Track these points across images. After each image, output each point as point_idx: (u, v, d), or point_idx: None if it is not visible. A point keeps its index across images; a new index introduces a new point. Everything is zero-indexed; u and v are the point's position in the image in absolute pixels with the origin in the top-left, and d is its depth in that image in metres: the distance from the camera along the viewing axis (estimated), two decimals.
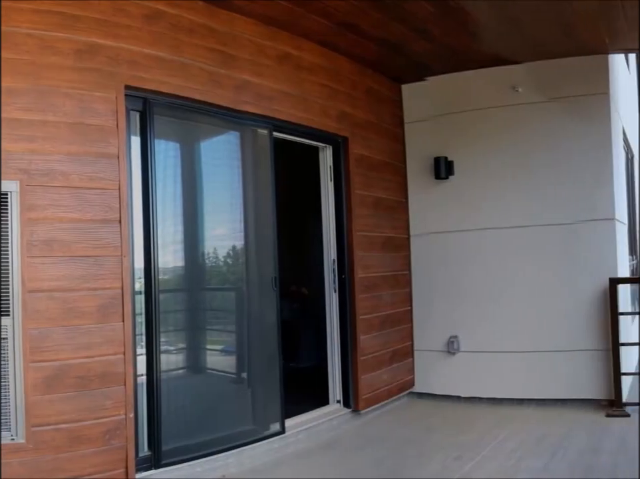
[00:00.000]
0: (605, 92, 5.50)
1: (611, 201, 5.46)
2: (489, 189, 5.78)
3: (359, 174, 5.22)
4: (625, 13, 4.46)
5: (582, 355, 5.41)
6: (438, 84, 5.95)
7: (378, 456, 4.32)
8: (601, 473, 3.81)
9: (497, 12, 4.50)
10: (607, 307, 5.31)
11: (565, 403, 5.42)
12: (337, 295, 5.13)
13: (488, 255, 5.79)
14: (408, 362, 5.86)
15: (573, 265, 5.51)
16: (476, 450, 4.31)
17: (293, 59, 4.56)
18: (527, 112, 5.67)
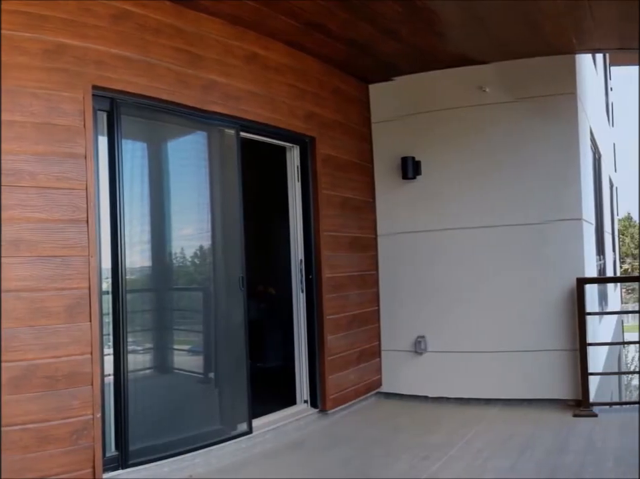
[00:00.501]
0: (572, 92, 5.66)
1: (578, 201, 5.61)
2: (457, 189, 5.91)
3: (326, 174, 5.37)
4: (592, 13, 4.62)
5: (549, 355, 5.54)
6: (405, 84, 6.09)
7: (346, 456, 4.42)
8: (568, 473, 3.93)
9: (465, 12, 4.64)
10: (575, 307, 5.44)
11: (532, 403, 5.55)
12: (304, 295, 5.27)
13: (456, 255, 5.92)
14: (375, 362, 6.02)
15: (540, 265, 5.64)
16: (444, 450, 4.41)
17: (260, 59, 4.70)
18: (495, 112, 5.81)
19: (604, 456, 4.19)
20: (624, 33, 5.25)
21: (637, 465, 3.84)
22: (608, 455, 4.21)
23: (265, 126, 4.76)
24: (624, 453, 4.19)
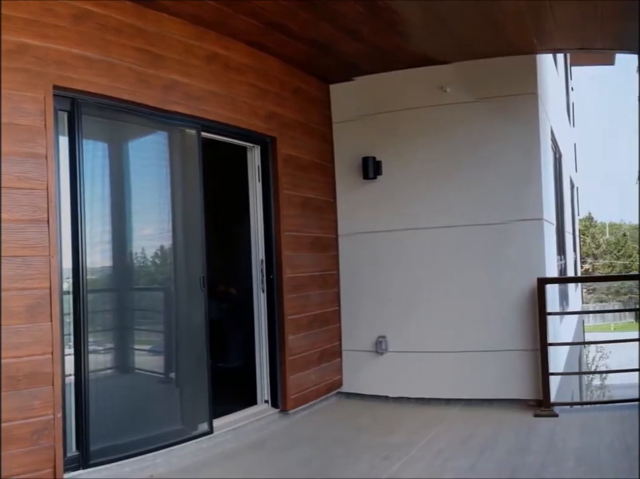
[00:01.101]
0: (533, 92, 5.83)
1: (539, 201, 5.77)
2: (418, 189, 6.08)
3: (287, 174, 5.56)
4: (553, 13, 4.79)
5: (510, 355, 5.70)
6: (366, 84, 6.26)
7: (306, 456, 4.55)
8: (529, 473, 4.05)
9: (426, 12, 4.79)
10: (535, 307, 5.60)
11: (492, 403, 5.72)
12: (265, 295, 5.45)
13: (417, 255, 6.08)
14: (336, 362, 6.23)
15: (501, 265, 5.81)
16: (404, 450, 4.55)
17: (222, 59, 4.86)
18: (456, 112, 5.97)
19: (565, 456, 4.33)
20: (585, 33, 5.45)
21: (596, 465, 4.08)
22: (569, 455, 4.35)
23: (226, 126, 4.92)
24: (585, 453, 4.36)
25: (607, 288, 48.51)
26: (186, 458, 4.34)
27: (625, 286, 47.62)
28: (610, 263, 48.85)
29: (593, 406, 8.06)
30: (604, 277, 46.27)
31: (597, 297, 48.02)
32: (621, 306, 45.77)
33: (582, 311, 15.78)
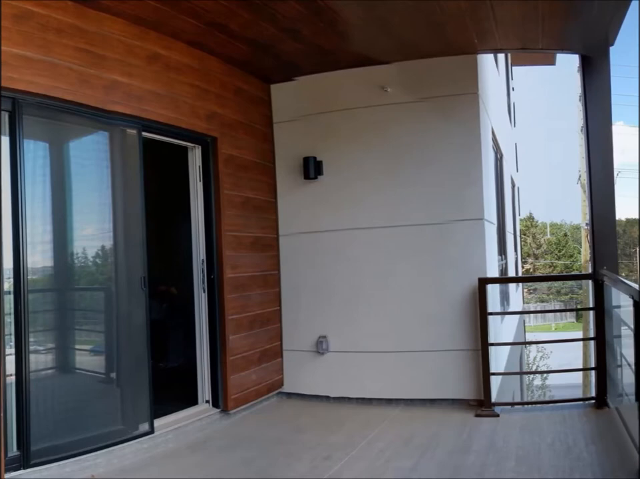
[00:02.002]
0: (474, 92, 6.04)
1: (480, 201, 5.98)
2: (359, 189, 6.30)
3: (228, 174, 5.80)
4: (493, 13, 4.96)
5: (451, 355, 5.91)
6: (307, 84, 6.48)
7: (247, 456, 4.72)
8: (470, 473, 4.19)
9: (367, 13, 4.97)
10: (476, 307, 5.81)
11: (434, 403, 5.95)
12: (206, 294, 5.69)
13: (358, 255, 6.29)
14: (277, 362, 6.49)
15: (443, 265, 6.02)
16: (345, 450, 4.72)
17: (163, 59, 5.08)
18: (397, 112, 6.19)
19: (505, 456, 4.48)
20: (526, 33, 5.63)
21: (537, 465, 4.28)
22: (510, 455, 4.50)
23: (167, 126, 5.14)
24: (525, 453, 4.54)
25: (548, 288, 50.11)
26: (127, 458, 4.53)
27: (566, 286, 49.35)
28: (551, 263, 50.51)
29: (534, 406, 8.15)
30: (545, 277, 47.76)
31: (538, 297, 49.56)
32: (561, 306, 47.28)
33: (523, 311, 16.29)
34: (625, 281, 4.52)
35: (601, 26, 5.25)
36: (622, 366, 5.11)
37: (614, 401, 5.45)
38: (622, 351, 5.19)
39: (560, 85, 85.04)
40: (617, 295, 5.24)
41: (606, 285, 5.54)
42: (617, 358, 5.35)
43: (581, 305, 30.64)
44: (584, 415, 5.47)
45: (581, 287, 32.64)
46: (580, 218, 22.68)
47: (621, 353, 5.20)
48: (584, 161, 6.31)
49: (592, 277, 5.87)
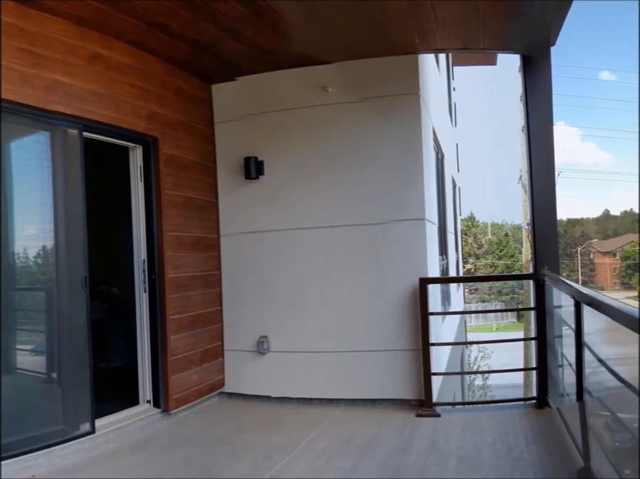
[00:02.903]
0: (415, 92, 6.22)
1: (421, 201, 6.13)
2: (300, 189, 6.46)
3: (169, 174, 5.98)
4: (434, 13, 5.13)
5: (392, 355, 6.07)
6: (248, 84, 6.64)
7: (189, 456, 4.85)
8: (411, 473, 4.31)
9: (308, 13, 5.13)
10: (418, 307, 5.96)
11: (375, 403, 6.10)
12: (147, 295, 5.86)
13: (299, 255, 6.46)
14: (218, 362, 6.68)
15: (384, 265, 6.17)
16: (286, 450, 4.85)
17: (104, 59, 5.23)
18: (338, 112, 6.34)
19: (447, 456, 4.62)
20: (467, 33, 5.81)
21: (478, 465, 4.41)
22: (451, 455, 4.64)
23: (108, 126, 5.29)
24: (467, 453, 4.68)
25: (489, 288, 51.53)
26: (68, 458, 4.66)
27: (507, 286, 50.79)
28: (492, 263, 51.89)
29: (475, 406, 8.28)
30: (486, 277, 49.13)
31: (479, 297, 50.82)
32: (503, 306, 48.60)
33: (464, 311, 16.74)
34: (566, 281, 4.66)
35: (542, 27, 5.48)
36: (563, 366, 5.26)
37: (555, 401, 5.64)
38: (563, 351, 5.32)
39: (501, 85, 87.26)
40: (558, 295, 5.40)
41: (547, 285, 5.72)
42: (558, 358, 5.49)
43: (522, 305, 31.50)
44: (525, 415, 5.66)
45: (522, 287, 33.70)
46: (521, 218, 23.16)
47: (562, 353, 5.33)
48: (525, 162, 6.45)
49: (533, 277, 6.03)
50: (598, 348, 3.83)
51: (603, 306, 3.25)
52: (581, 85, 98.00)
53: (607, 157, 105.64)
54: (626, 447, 3.53)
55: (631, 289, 61.25)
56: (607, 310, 3.17)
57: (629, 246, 65.38)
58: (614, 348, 3.97)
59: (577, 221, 73.39)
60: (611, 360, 3.60)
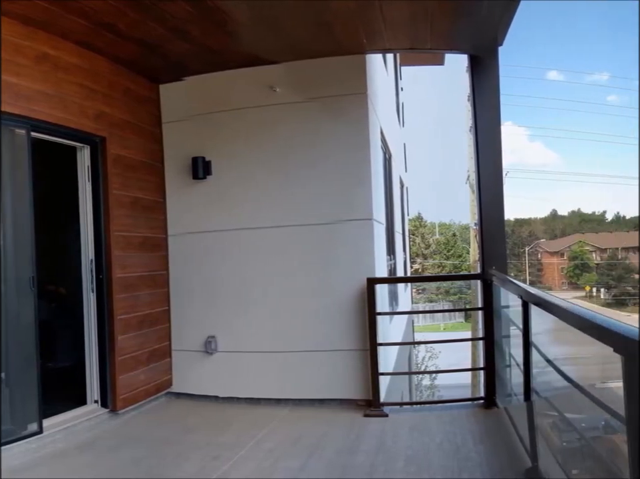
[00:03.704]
0: (363, 92, 6.33)
1: (369, 201, 6.25)
2: (248, 189, 6.57)
3: (117, 174, 6.09)
4: (382, 13, 5.22)
5: (340, 355, 6.19)
6: (196, 84, 6.77)
7: (136, 456, 4.91)
8: (359, 473, 4.39)
9: (255, 13, 5.21)
10: (365, 307, 6.07)
11: (323, 403, 6.22)
12: (95, 295, 5.96)
13: (247, 255, 6.57)
14: (165, 362, 6.81)
15: (332, 264, 6.29)
16: (234, 450, 4.92)
17: (51, 59, 5.32)
18: (286, 112, 6.47)
19: (394, 456, 4.71)
20: (415, 33, 5.93)
21: (426, 465, 4.51)
22: (398, 455, 4.73)
23: (56, 126, 5.38)
24: (414, 453, 4.77)
25: (437, 288, 52.38)
26: (15, 457, 4.71)
27: (455, 286, 51.70)
28: (440, 263, 52.73)
29: (423, 406, 8.49)
30: (434, 277, 49.71)
31: (426, 297, 51.61)
32: (450, 306, 49.35)
33: (412, 311, 17.07)
34: (513, 281, 4.76)
35: (490, 27, 5.62)
36: (511, 366, 5.34)
37: (503, 401, 5.78)
38: (511, 351, 5.41)
39: (449, 85, 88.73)
40: (505, 295, 5.52)
41: (495, 285, 5.80)
42: (506, 358, 5.60)
43: (470, 305, 32.16)
44: (473, 415, 5.79)
45: (470, 287, 34.32)
46: (469, 218, 23.60)
47: (510, 353, 5.43)
48: (473, 162, 6.50)
49: (481, 277, 6.17)
50: (546, 349, 3.90)
51: (551, 306, 3.34)
52: (529, 85, 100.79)
53: (554, 157, 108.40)
54: (573, 447, 3.62)
55: (578, 289, 62.97)
56: (554, 310, 3.27)
57: (577, 246, 67.15)
58: (562, 348, 4.13)
59: (525, 221, 75.08)
60: (559, 360, 3.66)
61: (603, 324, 2.39)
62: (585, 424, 3.58)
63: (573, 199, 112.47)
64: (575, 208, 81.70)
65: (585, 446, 3.56)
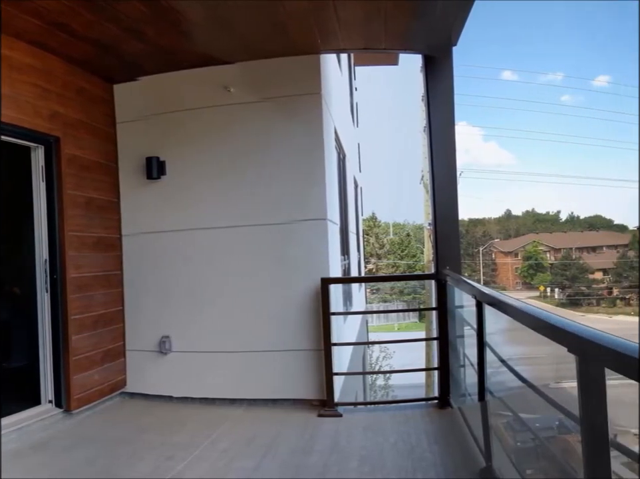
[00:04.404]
0: (317, 92, 6.43)
1: (323, 201, 6.33)
2: (202, 189, 6.65)
3: (71, 174, 6.15)
4: (337, 13, 5.31)
5: (294, 355, 6.28)
6: (150, 84, 6.83)
7: (90, 456, 4.94)
8: (312, 473, 4.46)
9: (210, 12, 5.27)
10: (320, 307, 6.15)
11: (277, 403, 6.31)
12: (49, 294, 6.02)
13: (202, 255, 6.65)
14: (120, 362, 6.89)
15: (286, 265, 6.37)
16: (189, 450, 4.98)
17: (5, 59, 5.33)
18: (240, 112, 6.54)
19: (348, 456, 4.79)
20: (369, 33, 5.99)
21: (380, 465, 4.58)
22: (352, 455, 4.81)
23: (10, 125, 5.42)
24: (368, 453, 4.85)
25: (391, 288, 52.93)
26: None
27: (409, 286, 52.32)
28: (394, 263, 53.32)
29: (377, 406, 8.67)
30: (388, 277, 50.35)
31: (380, 297, 52.11)
32: (404, 306, 49.94)
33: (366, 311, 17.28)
34: (467, 281, 4.84)
35: (444, 27, 5.75)
36: (465, 366, 5.45)
37: (457, 401, 5.87)
38: (465, 351, 5.48)
39: (404, 85, 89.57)
40: (459, 295, 5.63)
41: (449, 284, 5.91)
42: (460, 358, 5.69)
43: (424, 305, 32.62)
44: (427, 415, 5.88)
45: (424, 287, 34.80)
46: (423, 218, 23.95)
47: (464, 353, 5.51)
48: (427, 162, 6.52)
49: (435, 277, 6.24)
50: (500, 348, 3.96)
51: (505, 306, 3.41)
52: (483, 85, 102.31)
53: (509, 157, 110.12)
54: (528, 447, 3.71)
55: (532, 289, 64.19)
56: (508, 310, 3.34)
57: (531, 246, 68.38)
58: (516, 348, 4.16)
59: (479, 221, 76.18)
60: (513, 360, 3.73)
61: (557, 324, 2.43)
62: (539, 424, 3.62)
63: (527, 199, 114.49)
64: (529, 208, 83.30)
65: (540, 446, 3.62)
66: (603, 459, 2.17)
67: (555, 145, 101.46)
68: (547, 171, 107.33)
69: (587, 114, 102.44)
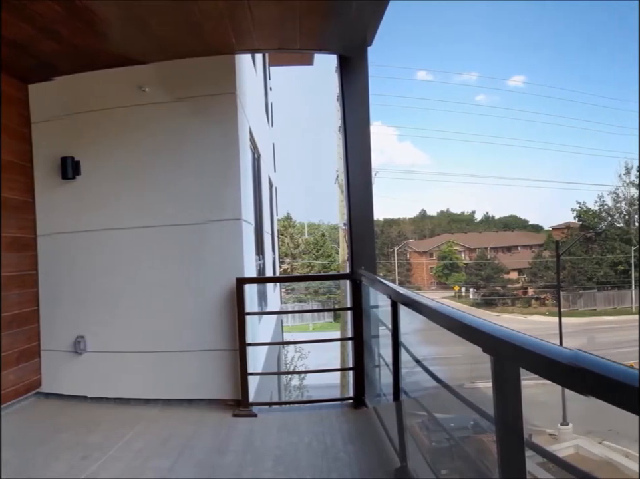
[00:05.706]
0: (232, 92, 6.56)
1: (237, 201, 6.44)
2: (117, 189, 6.74)
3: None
4: (251, 14, 5.42)
5: (209, 355, 6.39)
6: (66, 84, 6.85)
7: (4, 456, 4.85)
8: (227, 473, 4.55)
9: (125, 12, 5.33)
10: (235, 307, 6.26)
11: (192, 403, 6.42)
12: None
13: (117, 255, 6.75)
14: (35, 362, 6.96)
15: (201, 265, 6.49)
16: (103, 450, 5.03)
17: None
18: (155, 112, 6.66)
19: (263, 456, 4.91)
20: (284, 33, 6.12)
21: (295, 465, 4.71)
22: (267, 455, 4.93)
23: None
24: (283, 453, 4.97)
25: (306, 288, 53.37)
26: None
27: (324, 286, 52.93)
28: (309, 263, 53.89)
29: (292, 406, 8.63)
30: (303, 277, 50.89)
31: (295, 297, 52.57)
32: (319, 306, 50.44)
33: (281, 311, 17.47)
34: (382, 281, 4.91)
35: (359, 27, 5.92)
36: (380, 366, 5.59)
37: (372, 401, 6.04)
38: (380, 351, 5.65)
39: (319, 85, 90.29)
40: (374, 295, 5.72)
41: (364, 284, 6.05)
42: (375, 358, 5.83)
43: (339, 305, 33.20)
44: (342, 415, 6.04)
45: (339, 287, 35.49)
46: (338, 218, 24.44)
47: (379, 353, 5.67)
48: (342, 161, 6.61)
49: (350, 277, 6.39)
50: (415, 349, 4.04)
51: (420, 306, 3.46)
52: (398, 85, 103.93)
53: (423, 157, 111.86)
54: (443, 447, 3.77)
55: (447, 289, 65.81)
56: (423, 310, 3.39)
57: (446, 246, 70.06)
58: (431, 349, 4.16)
59: (394, 221, 77.46)
60: (428, 360, 3.80)
61: (471, 324, 2.47)
62: (454, 424, 3.65)
63: (442, 199, 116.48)
64: (444, 208, 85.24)
65: (454, 446, 3.68)
66: (517, 459, 2.23)
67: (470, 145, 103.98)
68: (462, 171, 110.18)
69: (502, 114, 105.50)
